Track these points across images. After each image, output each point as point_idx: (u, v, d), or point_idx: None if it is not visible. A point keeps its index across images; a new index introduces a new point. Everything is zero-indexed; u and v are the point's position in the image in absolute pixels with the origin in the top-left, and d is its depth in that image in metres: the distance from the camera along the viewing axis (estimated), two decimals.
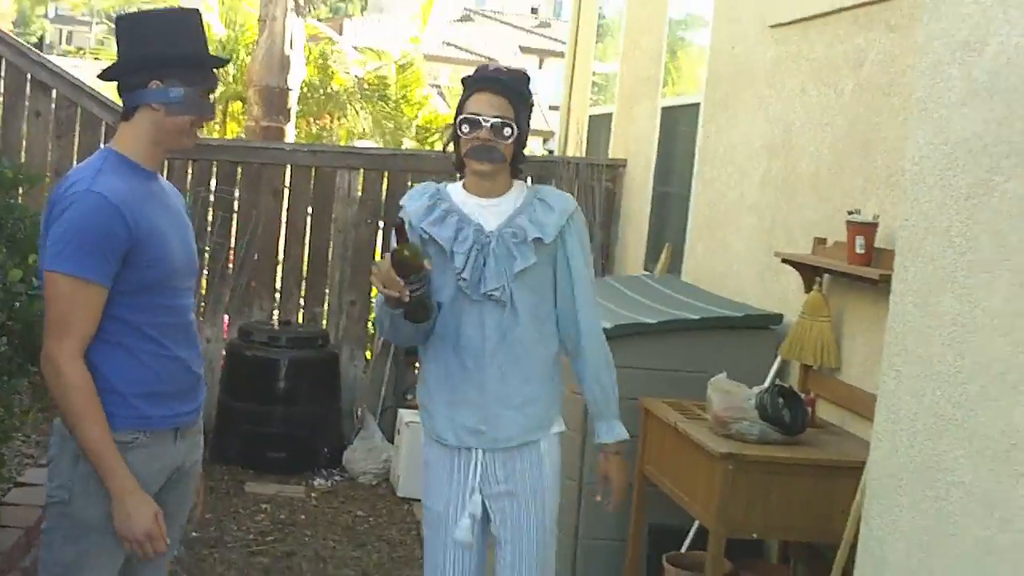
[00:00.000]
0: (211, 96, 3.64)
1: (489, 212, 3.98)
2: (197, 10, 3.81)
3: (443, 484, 4.04)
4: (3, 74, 8.62)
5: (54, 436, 3.46)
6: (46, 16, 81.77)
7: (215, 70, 3.69)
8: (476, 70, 4.07)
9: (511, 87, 3.94)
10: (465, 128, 3.90)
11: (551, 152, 21.89)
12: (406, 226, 3.85)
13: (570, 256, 4.04)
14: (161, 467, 3.51)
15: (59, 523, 3.39)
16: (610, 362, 4.14)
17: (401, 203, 4.12)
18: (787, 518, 4.65)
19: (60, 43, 71.41)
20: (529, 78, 4.07)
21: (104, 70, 3.64)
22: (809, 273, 5.44)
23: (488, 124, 3.87)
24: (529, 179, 5.47)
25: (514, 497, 4.01)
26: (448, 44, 40.94)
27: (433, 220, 3.97)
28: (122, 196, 3.34)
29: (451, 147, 4.03)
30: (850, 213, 5.03)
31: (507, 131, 3.88)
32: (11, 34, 9.40)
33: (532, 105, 4.05)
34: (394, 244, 3.74)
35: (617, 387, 4.18)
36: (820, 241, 5.50)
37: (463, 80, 4.04)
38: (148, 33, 3.56)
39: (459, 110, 3.96)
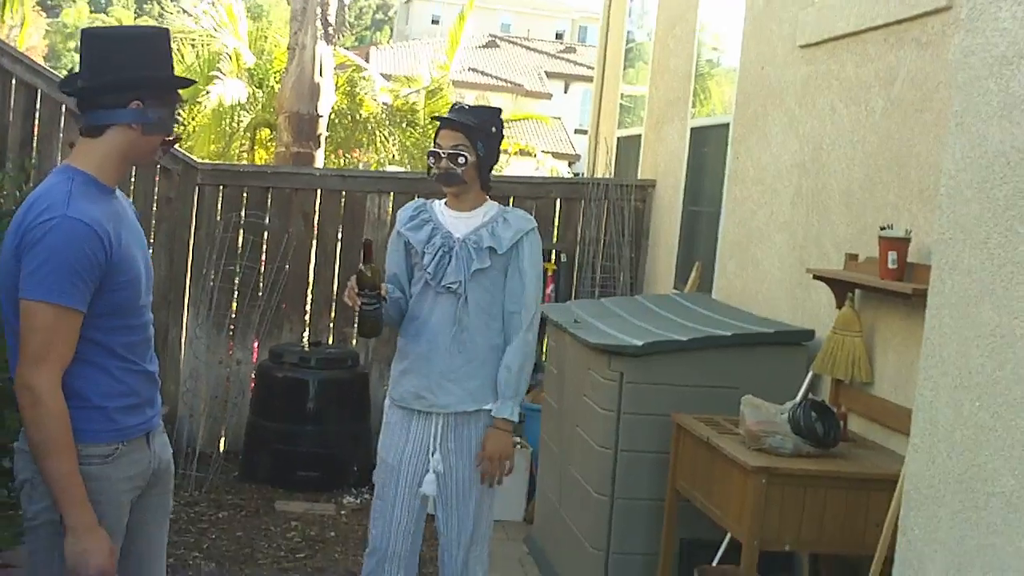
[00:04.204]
0: (176, 116, 3.68)
1: (461, 223, 4.91)
2: (167, 30, 3.77)
3: (399, 441, 4.91)
4: (38, 106, 8.68)
5: (20, 459, 3.44)
6: (76, 51, 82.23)
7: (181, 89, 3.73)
8: (449, 109, 5.02)
9: (464, 122, 4.82)
10: (431, 160, 4.88)
11: (577, 175, 21.91)
12: (373, 249, 4.67)
13: (519, 268, 4.89)
14: (140, 471, 3.56)
15: (53, 543, 3.36)
16: (527, 356, 4.90)
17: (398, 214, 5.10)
18: (820, 531, 4.66)
19: None
20: (493, 111, 5.06)
21: (73, 87, 3.56)
22: (841, 289, 5.45)
23: (445, 155, 4.80)
24: (512, 199, 8.74)
25: (461, 456, 4.87)
26: (473, 70, 41.10)
27: (412, 227, 4.95)
28: (99, 221, 3.33)
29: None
30: (882, 228, 5.03)
31: (461, 159, 4.79)
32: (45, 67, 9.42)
33: (498, 135, 4.95)
34: (361, 263, 4.64)
35: (526, 379, 4.92)
36: (852, 257, 5.50)
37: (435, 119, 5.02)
38: (125, 53, 3.51)
39: (433, 144, 4.92)
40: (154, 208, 8.92)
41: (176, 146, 3.75)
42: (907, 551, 3.53)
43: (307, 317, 9.19)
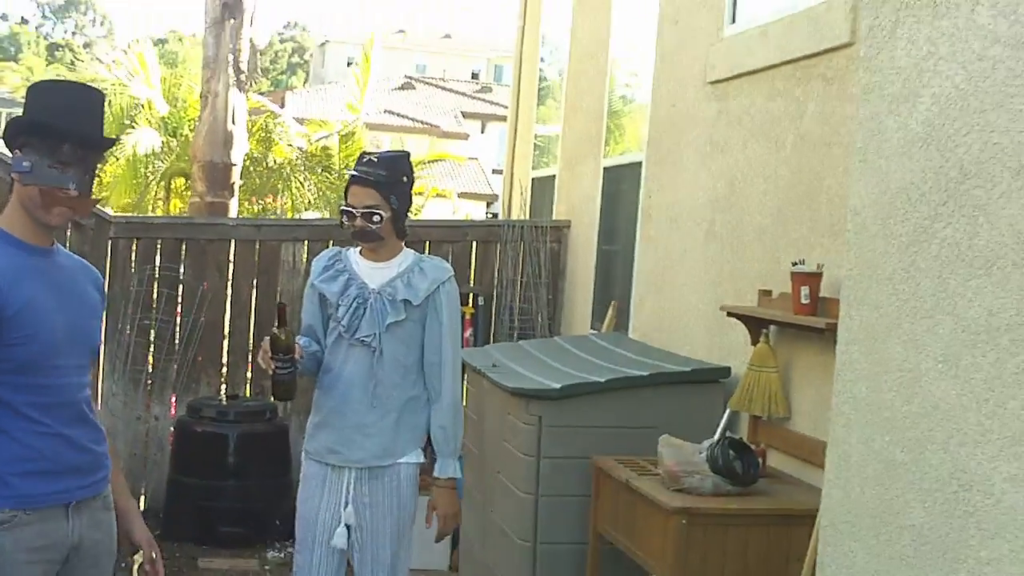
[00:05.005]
0: (70, 169, 3.40)
1: (376, 273, 4.87)
2: (94, 88, 3.69)
3: (315, 495, 4.88)
4: None
5: None
6: None
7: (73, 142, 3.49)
8: (356, 160, 4.96)
9: (375, 178, 4.77)
10: (345, 218, 4.81)
11: (495, 215, 21.93)
12: (287, 312, 4.65)
13: (438, 320, 4.87)
14: (50, 544, 3.40)
15: None
16: (457, 410, 4.94)
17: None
18: (744, 569, 4.65)
19: (0, 125, 71.16)
20: (401, 159, 5.00)
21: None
22: (756, 325, 5.46)
23: (359, 215, 4.75)
24: (428, 243, 8.86)
25: (375, 509, 4.82)
26: (389, 112, 41.13)
27: (326, 278, 4.90)
28: None
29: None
30: (794, 264, 5.06)
31: (376, 218, 4.75)
32: None
33: (410, 181, 4.93)
34: (275, 326, 4.59)
35: (460, 433, 4.97)
36: (765, 293, 5.52)
37: (350, 171, 4.95)
38: (29, 102, 3.48)
39: (344, 199, 4.88)
40: None
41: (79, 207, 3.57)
42: None
43: (224, 370, 9.10)
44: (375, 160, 4.87)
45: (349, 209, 4.79)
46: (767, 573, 4.66)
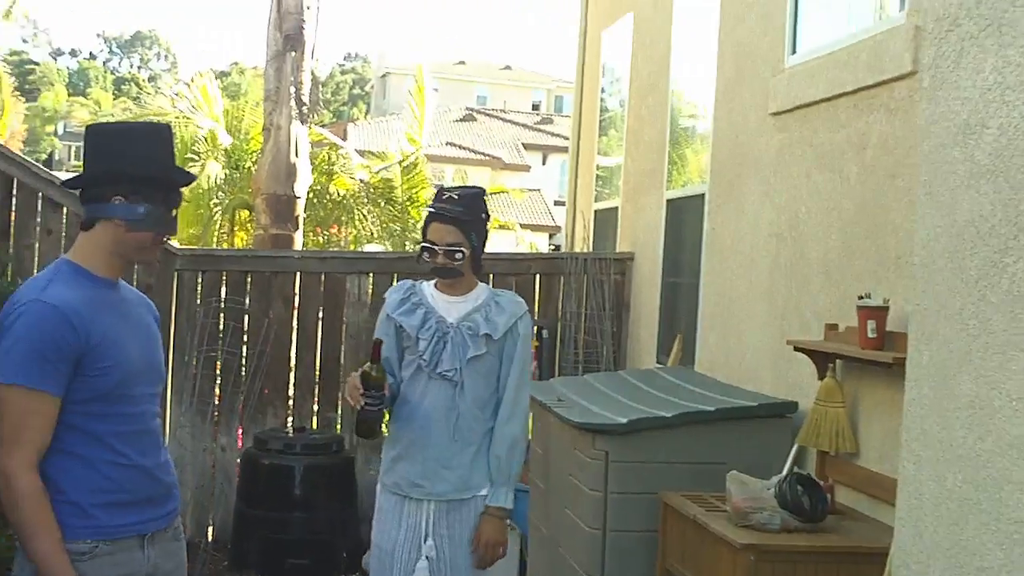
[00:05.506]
0: (174, 212, 3.66)
1: (453, 307, 4.94)
2: (168, 126, 3.85)
3: (392, 528, 4.88)
4: (15, 193, 8.55)
5: (18, 555, 3.42)
6: (55, 134, 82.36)
7: (180, 187, 3.71)
8: (434, 196, 5.03)
9: (457, 215, 4.84)
10: (426, 255, 4.87)
11: (557, 248, 21.90)
12: (381, 349, 4.68)
13: (514, 353, 4.93)
14: (126, 574, 3.46)
15: None
16: (515, 443, 4.93)
17: (384, 295, 5.12)
18: None
19: (70, 159, 72.12)
20: (479, 195, 5.06)
21: (68, 180, 3.70)
22: (822, 359, 5.43)
23: (441, 251, 4.83)
24: (492, 276, 8.53)
25: (453, 541, 4.84)
26: (451, 144, 41.27)
27: (404, 311, 4.94)
28: (72, 305, 3.35)
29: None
30: (860, 298, 5.02)
31: (458, 255, 4.84)
32: (22, 154, 9.35)
33: (486, 219, 5.01)
34: (368, 362, 4.63)
35: (517, 464, 4.96)
36: (832, 327, 5.49)
37: (428, 207, 5.01)
38: (115, 147, 3.57)
39: (423, 235, 4.96)
40: None
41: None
42: None
43: (290, 402, 9.13)
44: (455, 197, 4.92)
45: (430, 246, 4.86)
46: None
